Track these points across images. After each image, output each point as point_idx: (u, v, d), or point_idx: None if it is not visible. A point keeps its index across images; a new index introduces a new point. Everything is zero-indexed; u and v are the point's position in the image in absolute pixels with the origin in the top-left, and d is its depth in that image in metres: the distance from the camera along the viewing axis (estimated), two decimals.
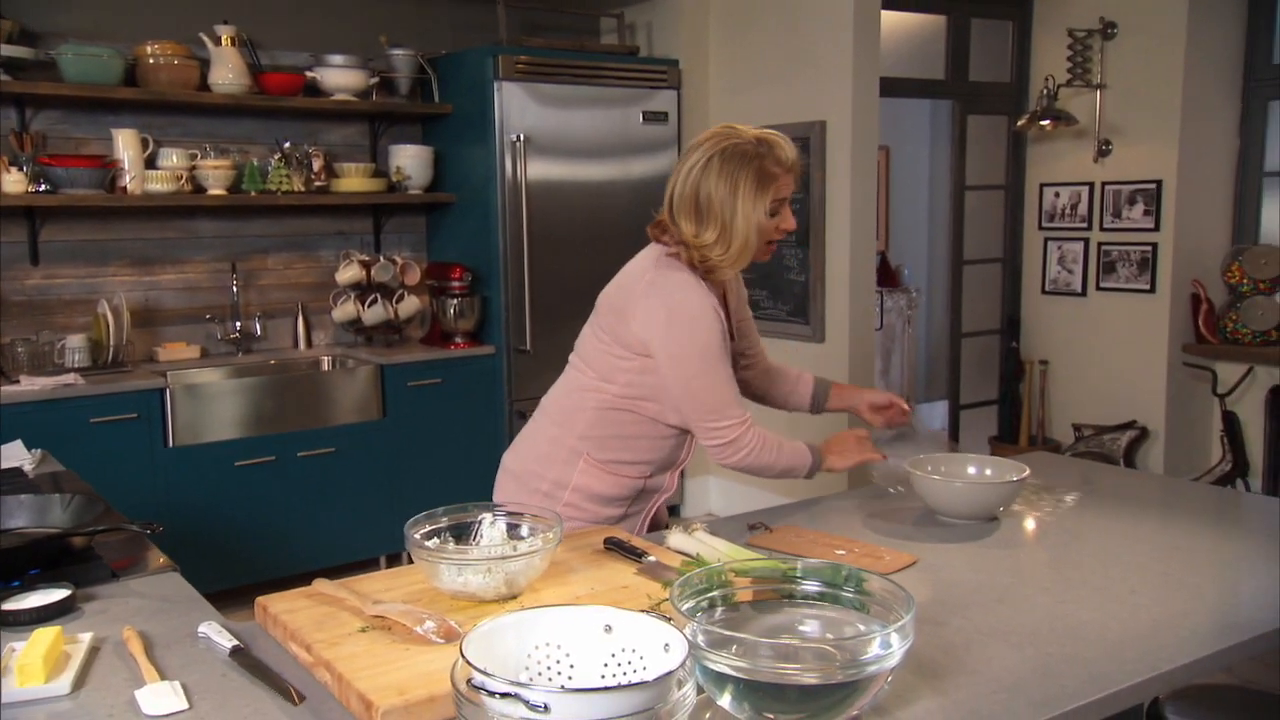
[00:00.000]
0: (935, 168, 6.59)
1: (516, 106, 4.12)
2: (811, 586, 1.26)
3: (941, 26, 4.97)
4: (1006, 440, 5.15)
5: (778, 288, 4.44)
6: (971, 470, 1.92)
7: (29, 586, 1.46)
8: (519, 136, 4.11)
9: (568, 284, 4.25)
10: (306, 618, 1.36)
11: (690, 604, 1.18)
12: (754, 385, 2.20)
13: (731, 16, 4.59)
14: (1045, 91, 4.58)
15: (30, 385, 3.37)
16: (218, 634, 1.35)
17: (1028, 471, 1.84)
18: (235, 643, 1.32)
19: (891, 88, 4.69)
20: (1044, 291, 5.02)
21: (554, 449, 1.97)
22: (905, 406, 2.15)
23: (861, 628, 1.21)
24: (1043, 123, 4.58)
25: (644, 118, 4.43)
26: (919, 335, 6.54)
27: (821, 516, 1.91)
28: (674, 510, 4.88)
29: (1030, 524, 1.85)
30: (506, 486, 2.02)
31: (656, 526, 2.01)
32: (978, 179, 5.14)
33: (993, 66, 5.07)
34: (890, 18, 4.59)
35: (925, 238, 6.71)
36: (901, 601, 1.17)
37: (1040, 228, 5.01)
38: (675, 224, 1.85)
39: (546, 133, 4.19)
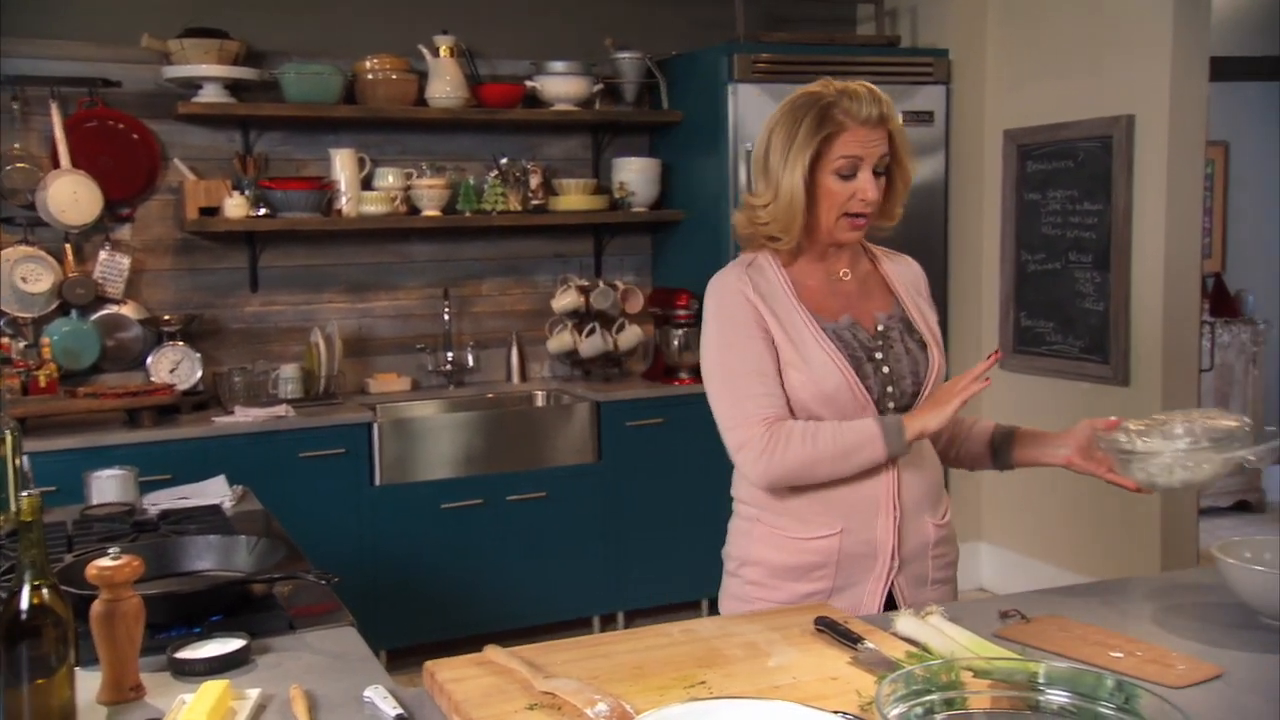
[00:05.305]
0: None
1: (753, 111, 4.16)
2: (1059, 696, 1.17)
3: None
4: None
5: (1068, 318, 4.19)
6: None
7: (208, 634, 1.61)
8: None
9: None
10: (474, 688, 1.41)
11: (901, 709, 1.13)
12: None
13: None
14: None
15: (244, 416, 3.75)
16: (383, 699, 1.43)
17: None
18: (400, 711, 1.40)
19: (1228, 70, 4.35)
20: None
21: (735, 519, 2.01)
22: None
23: None
24: None
25: (904, 118, 4.33)
26: (1268, 378, 5.96)
27: (1101, 606, 1.77)
28: None
29: None
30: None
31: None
32: None
33: None
34: None
35: (1278, 256, 6.12)
36: None
37: None
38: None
39: None
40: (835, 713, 1.11)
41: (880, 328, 1.90)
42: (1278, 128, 6.01)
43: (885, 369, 1.87)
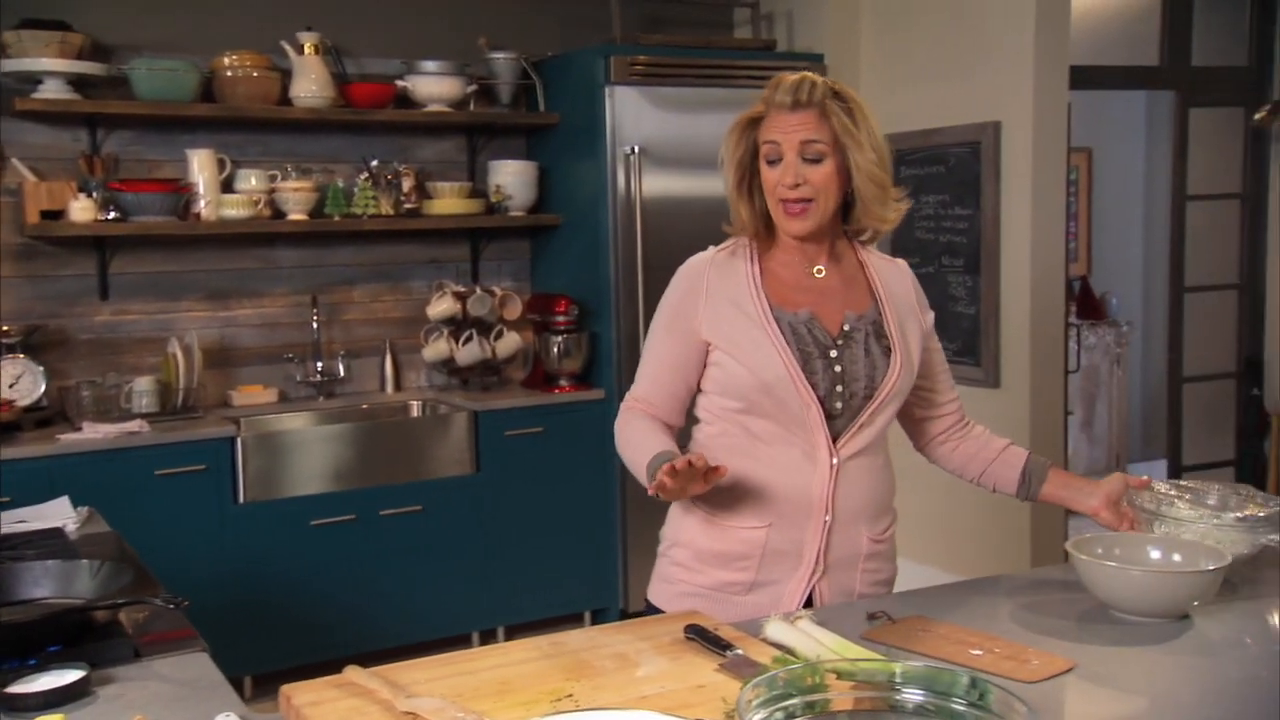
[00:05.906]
0: (1152, 173, 6.32)
1: (631, 114, 4.19)
2: (915, 695, 1.20)
3: (1155, 2, 4.79)
4: None
5: (942, 322, 4.29)
6: (1155, 554, 1.80)
7: (44, 665, 1.54)
8: (633, 148, 4.17)
9: None
10: (332, 711, 1.39)
11: (762, 714, 1.15)
12: (938, 443, 2.13)
13: (886, 2, 4.54)
14: None
15: (93, 433, 3.60)
16: None
17: (1229, 559, 1.71)
18: None
19: (1089, 78, 4.54)
20: None
21: (675, 502, 2.01)
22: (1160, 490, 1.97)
23: None
24: None
25: None
26: (1132, 379, 6.25)
27: (962, 605, 1.83)
28: None
29: (1235, 627, 1.72)
30: None
31: None
32: (1205, 186, 4.89)
33: (1224, 48, 4.84)
34: None
35: (1139, 259, 6.42)
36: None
37: None
38: None
39: (665, 143, 4.23)
40: None
41: (846, 327, 1.91)
42: (1139, 134, 6.32)
43: (837, 368, 1.88)
